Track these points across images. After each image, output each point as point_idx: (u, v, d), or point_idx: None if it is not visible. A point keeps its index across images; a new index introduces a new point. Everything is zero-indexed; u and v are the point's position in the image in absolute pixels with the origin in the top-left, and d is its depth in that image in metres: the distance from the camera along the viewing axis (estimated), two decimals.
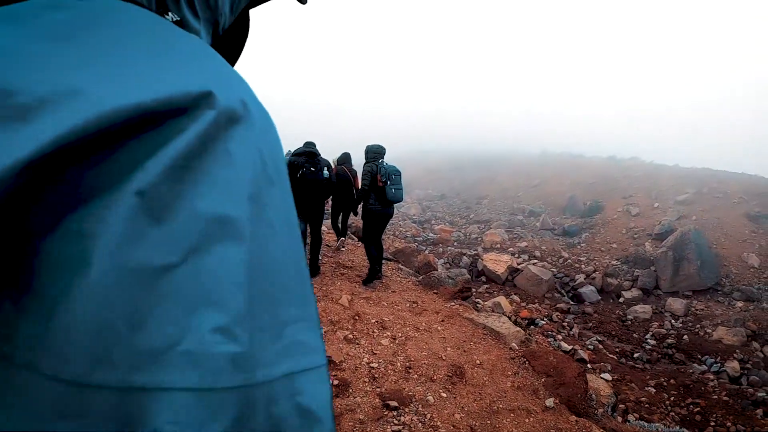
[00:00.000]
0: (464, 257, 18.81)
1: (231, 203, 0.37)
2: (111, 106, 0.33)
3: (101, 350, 0.30)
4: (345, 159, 10.26)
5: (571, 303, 15.62)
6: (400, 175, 8.36)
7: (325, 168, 8.32)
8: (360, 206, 8.96)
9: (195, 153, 0.36)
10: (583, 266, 18.77)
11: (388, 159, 8.53)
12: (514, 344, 6.83)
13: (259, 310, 0.37)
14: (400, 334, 6.61)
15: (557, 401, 5.45)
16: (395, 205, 8.74)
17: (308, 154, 8.17)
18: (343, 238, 11.23)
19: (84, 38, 0.37)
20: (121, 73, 0.35)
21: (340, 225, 11.11)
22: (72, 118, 0.31)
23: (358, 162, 9.36)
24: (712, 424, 8.91)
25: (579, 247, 21.39)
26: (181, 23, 0.56)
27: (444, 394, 5.28)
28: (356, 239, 12.76)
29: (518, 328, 7.54)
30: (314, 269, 8.69)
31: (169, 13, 0.55)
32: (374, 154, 8.42)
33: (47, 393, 0.29)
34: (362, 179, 8.39)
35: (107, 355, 0.30)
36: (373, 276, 8.96)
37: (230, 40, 0.78)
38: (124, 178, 0.33)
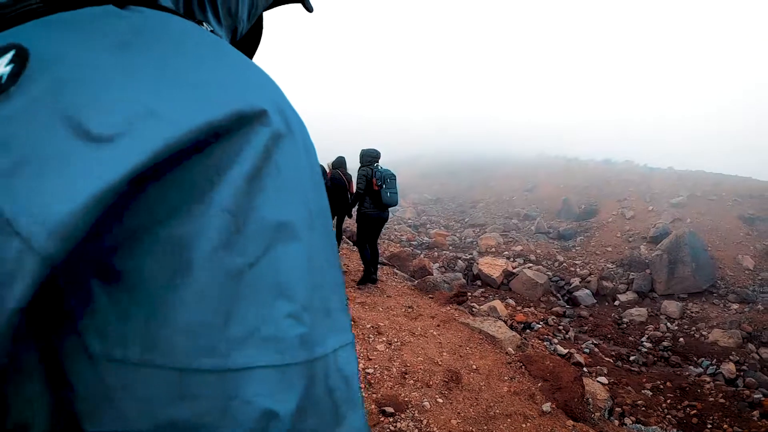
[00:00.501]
0: (459, 261, 18.79)
1: (289, 210, 0.42)
2: (187, 128, 0.37)
3: (203, 341, 0.35)
4: (340, 163, 10.26)
5: (567, 306, 15.62)
6: (395, 179, 8.40)
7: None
8: (354, 209, 8.96)
9: (260, 167, 0.40)
10: (578, 270, 18.78)
11: (383, 163, 8.53)
12: (510, 349, 6.81)
13: (314, 298, 0.43)
14: (395, 339, 6.58)
15: (554, 406, 5.43)
16: (390, 209, 8.74)
17: None
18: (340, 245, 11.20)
19: (147, 52, 0.41)
20: (189, 91, 0.39)
21: (335, 229, 11.08)
22: (153, 141, 0.35)
23: (352, 166, 9.37)
24: (709, 426, 8.91)
25: (574, 250, 21.41)
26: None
27: (440, 400, 5.25)
28: (351, 243, 12.74)
29: (514, 333, 7.53)
30: None
31: (204, 24, 0.59)
32: (369, 158, 8.43)
33: (164, 382, 0.34)
34: (357, 183, 8.41)
35: (208, 344, 0.35)
36: (367, 278, 8.97)
37: (244, 46, 0.83)
38: (210, 193, 0.37)
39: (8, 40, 0.38)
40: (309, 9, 0.87)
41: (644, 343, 13.16)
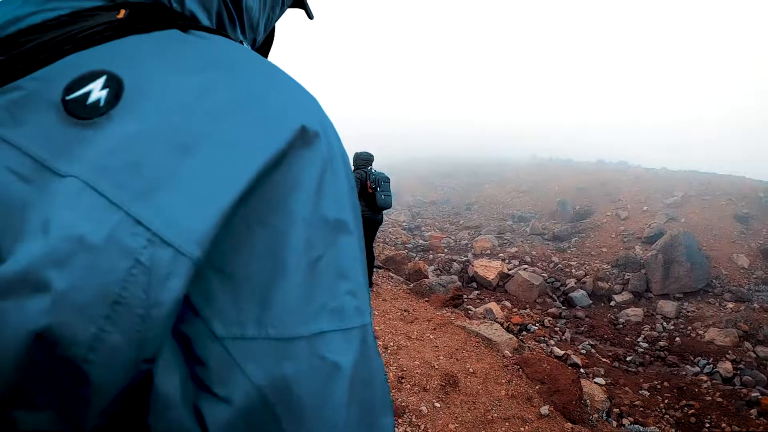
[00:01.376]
0: (455, 264, 18.76)
1: (343, 210, 0.52)
2: (269, 153, 0.47)
3: (296, 316, 0.46)
4: None
5: (563, 308, 15.58)
6: (389, 181, 8.42)
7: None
8: None
9: (321, 177, 0.50)
10: (573, 271, 18.76)
11: (377, 166, 8.53)
12: (507, 352, 6.78)
13: (361, 277, 0.54)
14: (391, 344, 6.54)
15: (552, 408, 5.40)
16: (384, 212, 8.74)
17: None
18: None
19: (225, 81, 0.49)
20: (265, 120, 0.48)
21: None
22: (250, 168, 0.45)
23: None
24: (707, 425, 8.88)
25: (569, 251, 21.39)
26: None
27: (437, 404, 5.22)
28: None
29: (511, 336, 7.49)
30: None
31: (243, 42, 0.69)
32: (363, 161, 8.47)
33: (274, 348, 0.44)
34: None
35: (300, 318, 0.46)
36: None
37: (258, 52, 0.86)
38: (289, 202, 0.47)
39: (92, 64, 0.46)
40: (310, 16, 0.97)
41: (641, 343, 13.12)
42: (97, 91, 0.43)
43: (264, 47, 0.91)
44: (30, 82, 0.44)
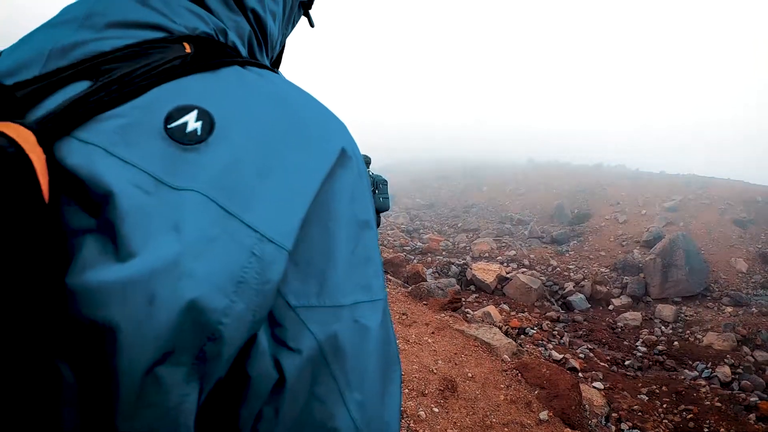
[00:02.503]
0: (453, 266, 18.74)
1: (368, 211, 0.65)
2: (323, 174, 0.58)
3: (342, 290, 0.59)
4: None
5: (561, 311, 15.56)
6: (387, 184, 8.49)
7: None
8: None
9: (354, 187, 0.63)
10: (572, 274, 18.75)
11: (375, 169, 8.54)
12: (506, 356, 6.74)
13: (380, 261, 0.67)
14: None
15: (551, 414, 5.37)
16: (382, 215, 8.73)
17: None
18: None
19: (285, 112, 0.61)
20: (316, 146, 0.60)
21: None
22: (313, 186, 0.57)
23: None
24: (706, 430, 8.87)
25: (568, 255, 21.38)
26: None
27: (436, 409, 5.18)
28: None
29: (510, 340, 7.46)
30: None
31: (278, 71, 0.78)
32: None
33: (330, 313, 0.57)
34: None
35: (344, 292, 0.59)
36: None
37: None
38: (334, 205, 0.60)
39: (183, 98, 0.55)
40: (312, 25, 1.06)
41: (639, 347, 13.10)
42: (192, 122, 0.53)
43: (277, 59, 1.01)
44: (132, 111, 0.53)
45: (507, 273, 17.64)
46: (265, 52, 0.85)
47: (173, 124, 0.52)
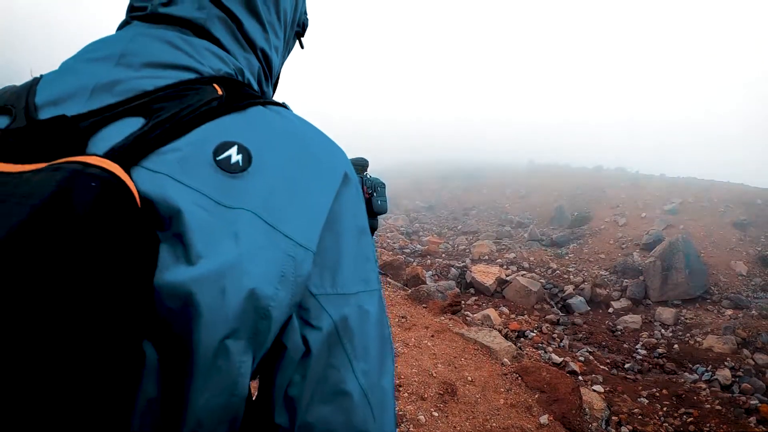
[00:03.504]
0: (453, 269, 18.73)
1: (365, 220, 0.79)
2: (333, 194, 0.73)
3: (350, 281, 0.73)
4: None
5: (561, 314, 15.53)
6: (384, 187, 8.55)
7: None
8: None
9: (354, 201, 0.77)
10: (571, 277, 18.73)
11: (375, 170, 8.56)
12: (505, 359, 6.72)
13: (375, 259, 0.81)
14: None
15: (551, 418, 5.34)
16: (381, 216, 8.76)
17: None
18: None
19: (301, 146, 0.75)
20: (327, 170, 0.75)
21: None
22: (327, 203, 0.72)
23: None
24: None
25: (567, 257, 21.35)
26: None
27: (436, 413, 5.16)
28: None
29: (509, 343, 7.43)
30: None
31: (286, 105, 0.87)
32: (358, 167, 8.62)
33: (342, 300, 0.72)
34: None
35: (351, 282, 0.73)
36: None
37: None
38: (342, 217, 0.74)
39: (224, 135, 0.68)
40: (302, 47, 1.18)
41: (639, 350, 13.06)
42: (234, 155, 0.66)
43: (275, 83, 1.11)
44: (187, 146, 0.65)
45: (507, 275, 17.63)
46: (270, 81, 1.01)
47: (220, 157, 0.65)
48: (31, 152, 0.57)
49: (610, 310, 16.43)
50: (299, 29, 1.10)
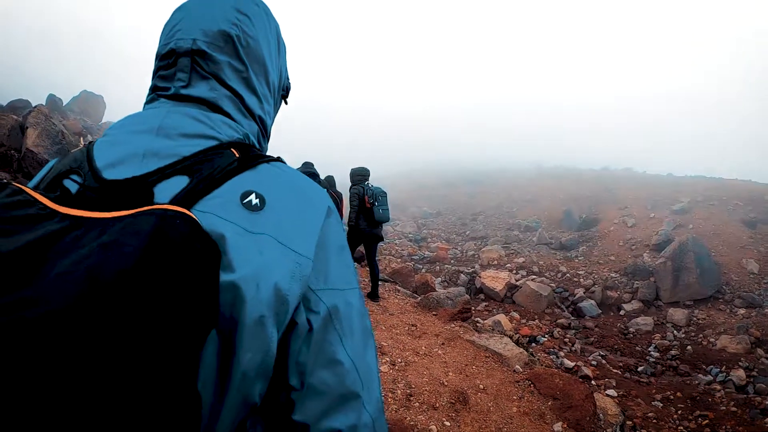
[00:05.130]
0: (462, 275, 18.70)
1: (345, 241, 1.01)
2: (320, 224, 0.96)
3: (339, 281, 0.96)
4: (330, 183, 10.41)
5: (572, 318, 15.48)
6: (386, 195, 8.71)
7: (326, 191, 8.54)
8: (345, 225, 9.27)
9: (336, 227, 0.99)
10: (582, 280, 18.64)
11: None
12: (518, 366, 6.68)
13: (354, 266, 1.03)
14: (399, 360, 6.45)
15: (565, 425, 5.29)
16: (389, 223, 8.80)
17: (311, 176, 8.45)
18: None
19: (298, 193, 0.98)
20: (314, 211, 0.97)
21: None
22: (316, 232, 0.95)
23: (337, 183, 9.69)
24: None
25: (577, 260, 21.26)
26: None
27: (447, 423, 5.11)
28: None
29: (521, 349, 7.38)
30: None
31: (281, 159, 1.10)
32: (359, 176, 8.88)
33: (333, 293, 0.93)
34: (350, 201, 8.75)
35: (340, 282, 0.96)
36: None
37: None
38: (330, 239, 0.97)
39: (245, 186, 0.90)
40: (286, 103, 1.43)
41: (652, 352, 13.00)
42: (254, 199, 0.89)
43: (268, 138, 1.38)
44: (222, 194, 0.88)
45: (516, 281, 17.59)
46: (266, 138, 1.28)
47: (245, 201, 0.88)
48: (110, 203, 0.79)
49: (622, 312, 16.35)
50: (284, 92, 1.37)
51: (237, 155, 0.97)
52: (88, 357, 0.62)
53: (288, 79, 1.38)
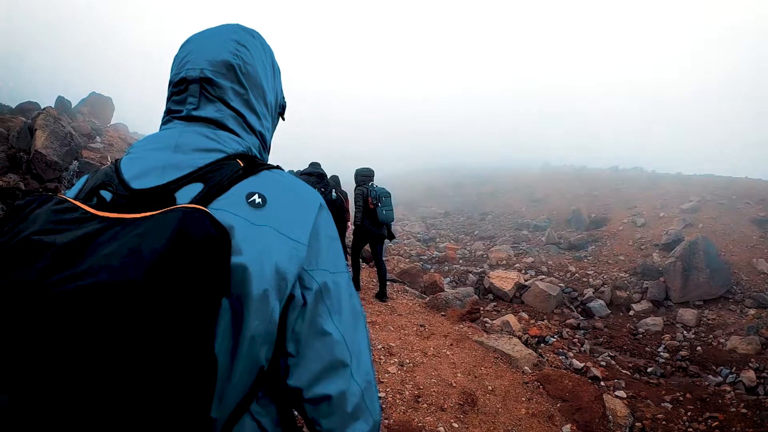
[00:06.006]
0: (471, 275, 18.67)
1: (335, 232, 1.23)
2: (313, 218, 1.17)
3: (329, 264, 1.17)
4: (335, 182, 10.49)
5: (581, 318, 15.40)
6: (389, 196, 8.83)
7: (333, 190, 9.08)
8: (351, 224, 9.43)
9: (328, 219, 1.22)
10: (591, 280, 18.55)
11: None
12: (526, 368, 6.66)
13: (343, 255, 1.25)
14: (407, 360, 6.45)
15: (574, 427, 5.28)
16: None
17: (318, 176, 8.88)
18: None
19: (294, 194, 1.17)
20: (307, 208, 1.17)
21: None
22: (309, 227, 1.15)
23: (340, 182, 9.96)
24: None
25: (586, 260, 21.16)
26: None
27: (456, 425, 5.11)
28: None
29: (530, 351, 7.36)
30: None
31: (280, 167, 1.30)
32: (364, 177, 8.98)
33: (321, 274, 1.14)
34: (355, 202, 8.91)
35: (330, 265, 1.17)
36: (356, 286, 9.30)
37: None
38: (321, 231, 1.18)
39: (249, 188, 1.08)
40: (283, 119, 1.63)
41: (661, 353, 12.90)
42: (257, 198, 1.06)
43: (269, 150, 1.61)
44: (231, 196, 1.06)
45: (525, 280, 17.53)
46: (266, 150, 1.48)
47: (250, 200, 1.06)
48: (139, 207, 0.96)
49: (631, 312, 16.25)
50: (281, 110, 1.58)
51: (242, 164, 1.16)
52: (131, 313, 0.80)
53: (284, 98, 1.60)
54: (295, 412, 1.21)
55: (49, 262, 0.83)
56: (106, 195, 1.07)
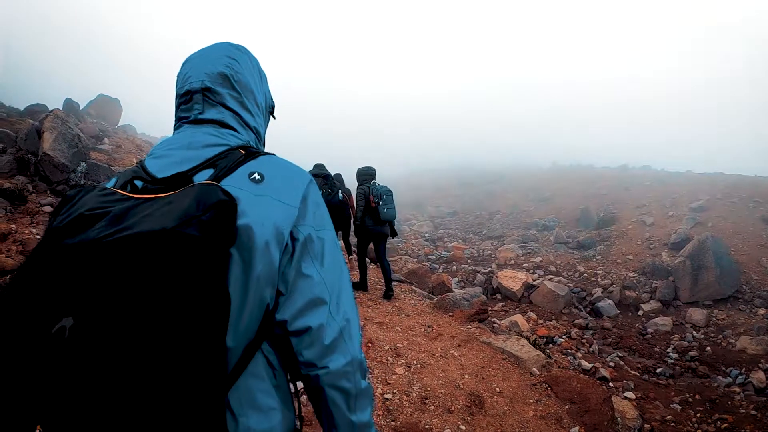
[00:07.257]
0: (479, 275, 18.65)
1: (321, 200, 1.45)
2: (305, 187, 1.42)
3: (316, 225, 1.42)
4: (338, 181, 10.53)
5: (589, 318, 15.35)
6: (391, 195, 8.99)
7: (339, 191, 9.13)
8: (352, 223, 9.61)
9: (315, 192, 1.44)
10: (599, 280, 18.49)
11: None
12: (534, 369, 6.63)
13: (331, 222, 1.50)
14: (415, 362, 6.44)
15: (582, 430, 5.25)
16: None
17: (324, 177, 8.98)
18: (351, 257, 11.65)
19: (285, 172, 1.41)
20: (299, 180, 1.41)
21: (341, 241, 11.19)
22: (302, 191, 1.40)
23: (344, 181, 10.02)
24: None
25: (594, 260, 21.09)
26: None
27: (463, 427, 5.09)
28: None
29: (538, 352, 7.33)
30: None
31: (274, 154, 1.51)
32: (366, 176, 9.15)
33: (307, 228, 1.36)
34: (357, 200, 9.07)
35: (315, 224, 1.41)
36: (363, 285, 9.82)
37: None
38: (310, 197, 1.42)
39: (250, 169, 1.34)
40: (274, 117, 1.88)
41: (670, 353, 12.83)
42: (257, 176, 1.30)
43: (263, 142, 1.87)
44: (237, 175, 1.29)
45: (533, 280, 17.49)
46: (261, 142, 1.73)
47: (251, 177, 1.29)
48: (166, 189, 1.20)
49: (640, 312, 16.18)
50: (270, 109, 1.84)
51: (243, 153, 1.41)
52: (164, 252, 1.02)
53: (272, 99, 1.88)
54: (296, 409, 1.48)
55: (102, 224, 1.08)
56: (138, 183, 1.33)
